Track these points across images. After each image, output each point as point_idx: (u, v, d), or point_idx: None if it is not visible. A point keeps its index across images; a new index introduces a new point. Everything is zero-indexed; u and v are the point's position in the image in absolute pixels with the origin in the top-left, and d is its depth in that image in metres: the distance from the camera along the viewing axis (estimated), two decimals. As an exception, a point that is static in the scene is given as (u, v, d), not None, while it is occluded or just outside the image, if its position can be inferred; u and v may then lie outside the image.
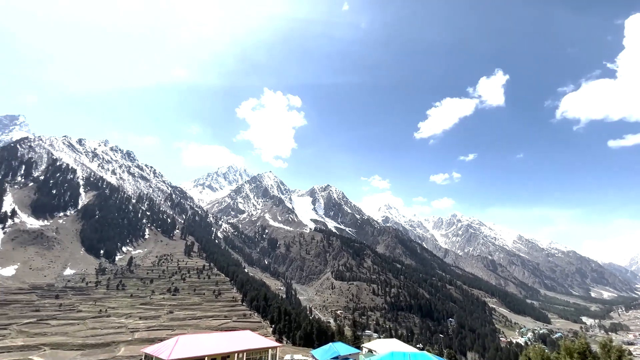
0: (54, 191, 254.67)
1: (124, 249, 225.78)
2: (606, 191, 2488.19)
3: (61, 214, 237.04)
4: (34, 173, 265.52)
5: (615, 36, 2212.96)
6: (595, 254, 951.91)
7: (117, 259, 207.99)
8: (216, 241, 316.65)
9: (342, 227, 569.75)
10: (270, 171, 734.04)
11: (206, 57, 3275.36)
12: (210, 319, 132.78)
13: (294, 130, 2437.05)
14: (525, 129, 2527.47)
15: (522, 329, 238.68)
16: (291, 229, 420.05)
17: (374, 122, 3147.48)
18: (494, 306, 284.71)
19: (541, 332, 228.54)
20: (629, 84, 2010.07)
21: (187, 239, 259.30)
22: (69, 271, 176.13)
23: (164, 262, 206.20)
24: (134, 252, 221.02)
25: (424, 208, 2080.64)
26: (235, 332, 55.36)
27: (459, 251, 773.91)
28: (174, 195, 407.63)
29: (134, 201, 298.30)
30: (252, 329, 79.50)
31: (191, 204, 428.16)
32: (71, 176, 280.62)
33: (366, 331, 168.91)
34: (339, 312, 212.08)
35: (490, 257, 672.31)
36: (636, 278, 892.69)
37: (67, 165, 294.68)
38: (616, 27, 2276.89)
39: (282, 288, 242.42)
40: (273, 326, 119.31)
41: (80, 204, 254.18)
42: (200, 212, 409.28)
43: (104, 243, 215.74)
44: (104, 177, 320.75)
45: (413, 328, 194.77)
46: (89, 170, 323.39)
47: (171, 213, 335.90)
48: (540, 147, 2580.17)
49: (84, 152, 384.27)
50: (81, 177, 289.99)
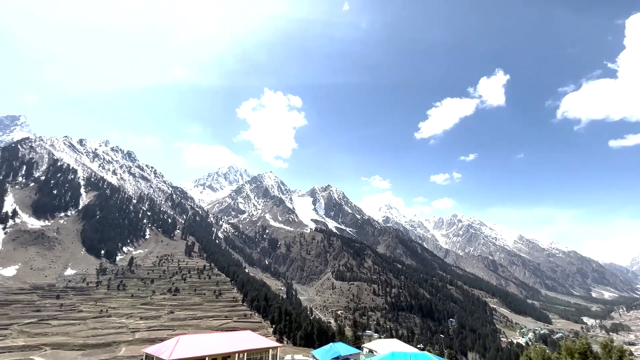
0: (55, 191, 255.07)
1: (124, 249, 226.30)
2: (607, 191, 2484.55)
3: (62, 214, 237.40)
4: (34, 173, 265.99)
5: (616, 36, 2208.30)
6: (596, 254, 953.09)
7: (117, 259, 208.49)
8: (217, 241, 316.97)
9: (342, 227, 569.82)
10: (271, 171, 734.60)
11: (206, 57, 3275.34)
12: (211, 319, 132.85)
13: (295, 131, 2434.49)
14: (525, 129, 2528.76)
15: (523, 329, 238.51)
16: (292, 229, 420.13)
17: (375, 122, 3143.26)
18: (494, 306, 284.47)
19: (542, 332, 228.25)
20: (629, 83, 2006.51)
21: (187, 239, 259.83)
22: (69, 271, 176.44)
23: (164, 262, 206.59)
24: (134, 252, 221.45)
25: (424, 208, 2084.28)
26: (236, 332, 55.46)
27: (459, 251, 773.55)
28: (174, 196, 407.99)
29: (134, 201, 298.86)
30: (253, 329, 79.62)
31: (192, 204, 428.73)
32: (72, 176, 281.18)
33: (367, 331, 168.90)
34: (339, 312, 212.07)
35: (490, 257, 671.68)
36: (637, 278, 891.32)
37: (68, 165, 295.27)
38: (617, 27, 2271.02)
39: (282, 288, 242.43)
40: (274, 326, 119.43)
41: (81, 204, 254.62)
42: (200, 212, 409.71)
43: (105, 243, 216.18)
44: (104, 178, 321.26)
45: (414, 328, 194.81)
46: (89, 170, 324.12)
47: (172, 213, 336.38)
48: (541, 147, 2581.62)
49: (85, 152, 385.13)
50: (82, 178, 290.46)
